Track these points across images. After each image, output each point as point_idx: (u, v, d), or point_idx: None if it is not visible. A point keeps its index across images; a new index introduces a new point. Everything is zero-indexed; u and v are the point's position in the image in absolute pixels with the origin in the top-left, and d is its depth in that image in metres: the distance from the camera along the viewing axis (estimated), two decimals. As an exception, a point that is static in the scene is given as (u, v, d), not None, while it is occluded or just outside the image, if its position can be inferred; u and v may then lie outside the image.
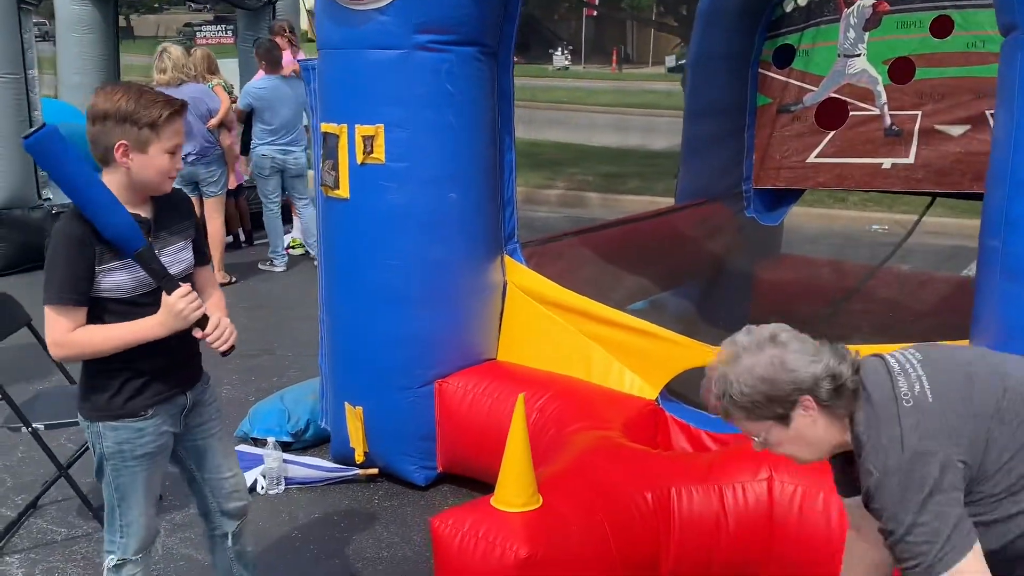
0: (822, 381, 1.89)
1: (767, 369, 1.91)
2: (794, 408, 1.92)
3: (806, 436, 1.96)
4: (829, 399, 1.91)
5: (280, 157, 7.68)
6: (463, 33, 3.72)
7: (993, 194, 2.58)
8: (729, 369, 1.95)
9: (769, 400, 1.92)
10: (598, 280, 4.61)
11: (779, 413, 1.93)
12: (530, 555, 2.63)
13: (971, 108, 5.19)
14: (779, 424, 1.95)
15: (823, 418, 1.94)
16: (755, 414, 1.95)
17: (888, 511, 1.84)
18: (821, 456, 2.03)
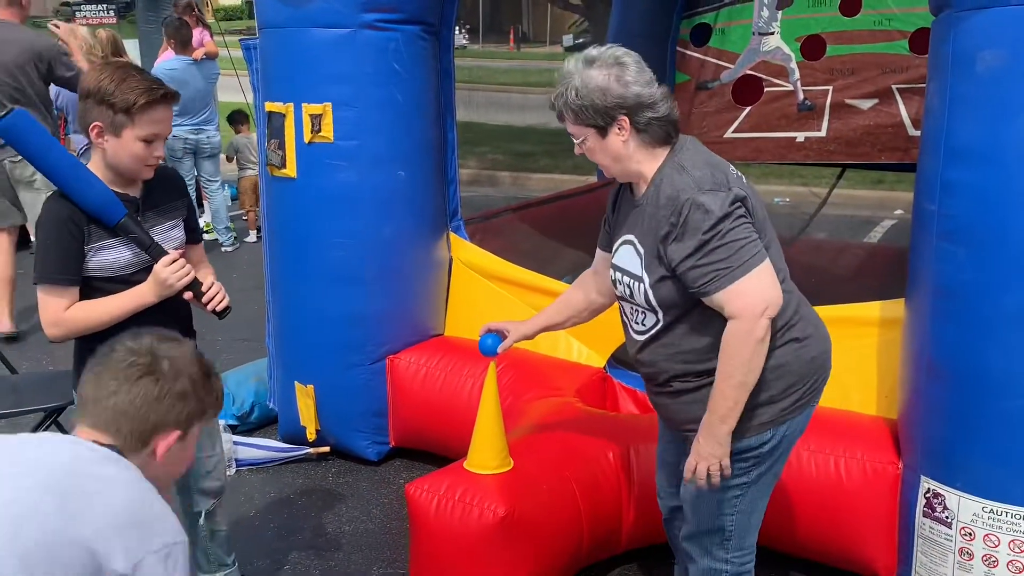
0: (644, 109, 2.17)
1: (603, 82, 2.16)
2: (612, 124, 2.19)
3: (615, 151, 2.22)
4: (644, 127, 2.19)
5: (193, 138, 7.55)
6: (408, 12, 3.77)
7: (927, 160, 2.78)
8: (575, 75, 2.19)
9: (595, 110, 2.17)
10: (537, 254, 4.73)
11: (599, 124, 2.19)
12: (508, 513, 2.74)
13: (878, 83, 5.49)
14: (598, 134, 2.22)
15: (633, 142, 2.21)
16: (580, 119, 2.21)
17: (682, 240, 2.12)
18: (624, 173, 2.28)
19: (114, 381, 1.69)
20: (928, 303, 2.80)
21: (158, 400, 1.70)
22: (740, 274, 2.10)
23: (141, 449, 1.69)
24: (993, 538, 2.66)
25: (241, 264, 7.71)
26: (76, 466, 1.56)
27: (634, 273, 2.29)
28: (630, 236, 2.31)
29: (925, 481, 2.81)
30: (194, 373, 1.76)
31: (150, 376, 1.70)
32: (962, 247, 2.63)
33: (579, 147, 2.28)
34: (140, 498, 1.59)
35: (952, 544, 2.75)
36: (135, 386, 1.68)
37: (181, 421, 1.74)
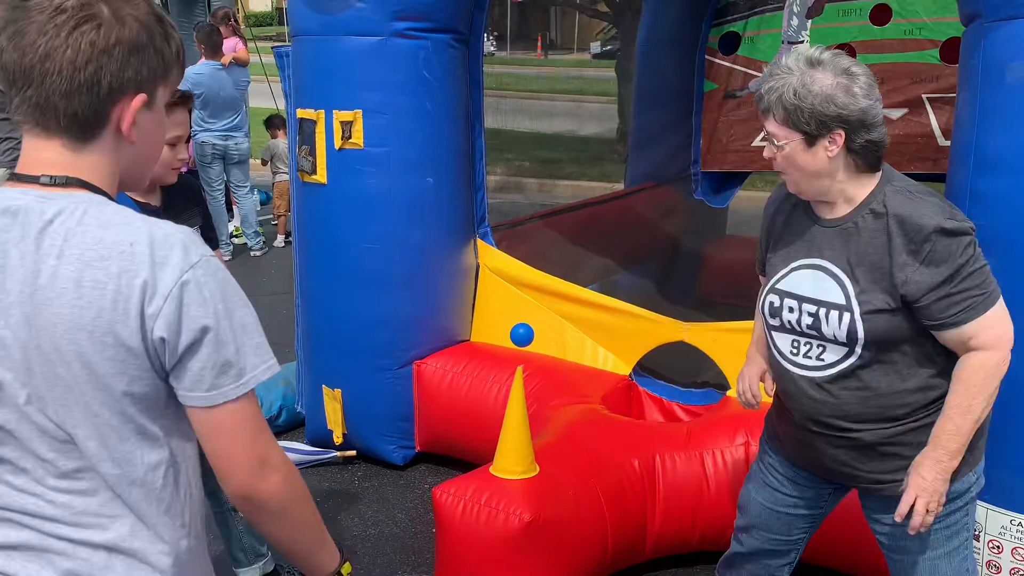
0: (864, 128, 1.97)
1: (829, 89, 1.95)
2: (825, 135, 1.98)
3: (818, 165, 2.01)
4: (859, 149, 1.99)
5: (221, 143, 7.63)
6: (438, 20, 3.80)
7: (957, 171, 2.78)
8: (795, 73, 1.98)
9: (812, 116, 1.96)
10: (563, 261, 4.75)
11: (811, 132, 1.98)
12: (533, 519, 2.76)
13: (908, 92, 5.45)
14: (804, 141, 2.00)
15: (840, 161, 2.01)
16: (791, 121, 1.99)
17: (930, 268, 1.95)
18: (816, 190, 2.07)
19: (42, 37, 1.24)
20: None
21: (106, 52, 1.26)
22: (991, 303, 1.98)
23: (102, 128, 1.31)
24: (1021, 551, 2.64)
25: (269, 268, 7.79)
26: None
27: (831, 302, 2.06)
28: (818, 261, 2.09)
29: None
30: (144, 15, 1.31)
31: (89, 23, 1.25)
32: (992, 257, 2.61)
33: (773, 150, 2.06)
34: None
35: (980, 557, 2.73)
36: (71, 38, 1.24)
37: (142, 80, 1.31)
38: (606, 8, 13.57)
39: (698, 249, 6.27)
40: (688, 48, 6.20)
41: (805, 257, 2.12)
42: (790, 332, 2.16)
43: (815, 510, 2.40)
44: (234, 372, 1.30)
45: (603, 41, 26.92)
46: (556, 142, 15.17)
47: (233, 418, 1.31)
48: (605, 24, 16.23)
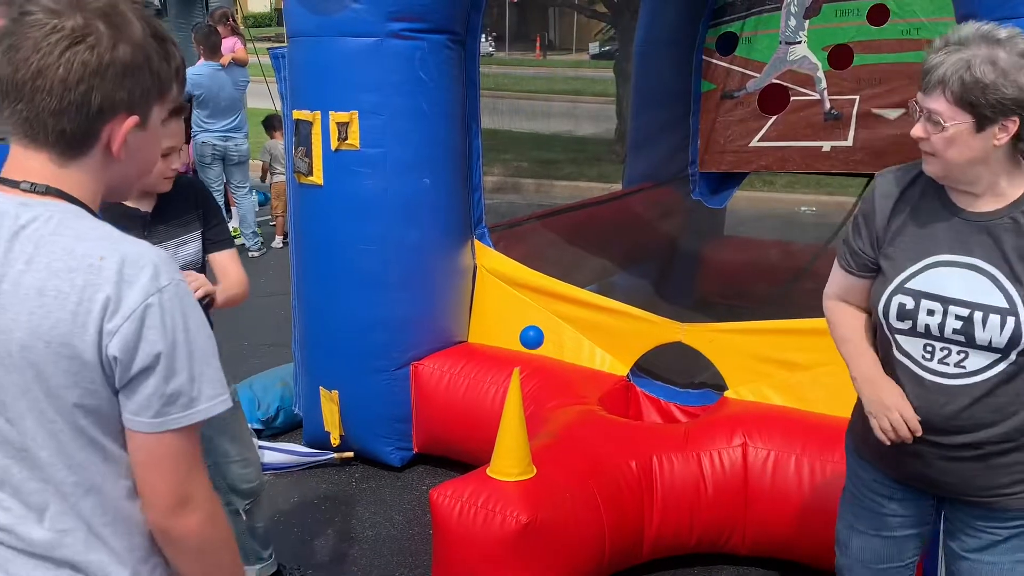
0: None
1: (1013, 65, 1.77)
2: (998, 121, 1.80)
3: (979, 152, 1.84)
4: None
5: (221, 144, 7.63)
6: (434, 21, 3.80)
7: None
8: (976, 47, 1.79)
9: (994, 97, 1.77)
10: (561, 261, 4.74)
11: (985, 115, 1.79)
12: (530, 521, 2.75)
13: (906, 92, 5.44)
14: (974, 125, 1.81)
15: (1004, 151, 1.85)
16: (966, 100, 1.79)
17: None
18: (965, 176, 1.89)
19: (36, 54, 1.23)
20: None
21: (98, 73, 1.25)
22: None
23: (91, 146, 1.30)
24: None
25: (268, 269, 7.77)
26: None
27: (990, 305, 1.88)
28: (967, 259, 1.91)
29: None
30: (140, 36, 1.29)
31: (83, 42, 1.24)
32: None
33: (927, 127, 1.86)
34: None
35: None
36: (64, 56, 1.23)
37: (134, 102, 1.31)
38: (604, 8, 13.58)
39: (696, 250, 6.26)
40: (686, 48, 6.20)
41: (947, 253, 1.92)
42: (924, 336, 1.96)
43: (923, 527, 2.20)
44: (183, 401, 1.28)
45: (602, 42, 26.93)
46: (554, 143, 15.16)
47: (169, 449, 1.29)
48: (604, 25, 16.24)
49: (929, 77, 1.83)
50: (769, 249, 6.22)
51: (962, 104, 1.79)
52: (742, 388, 3.67)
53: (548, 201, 10.39)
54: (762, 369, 3.64)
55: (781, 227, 8.68)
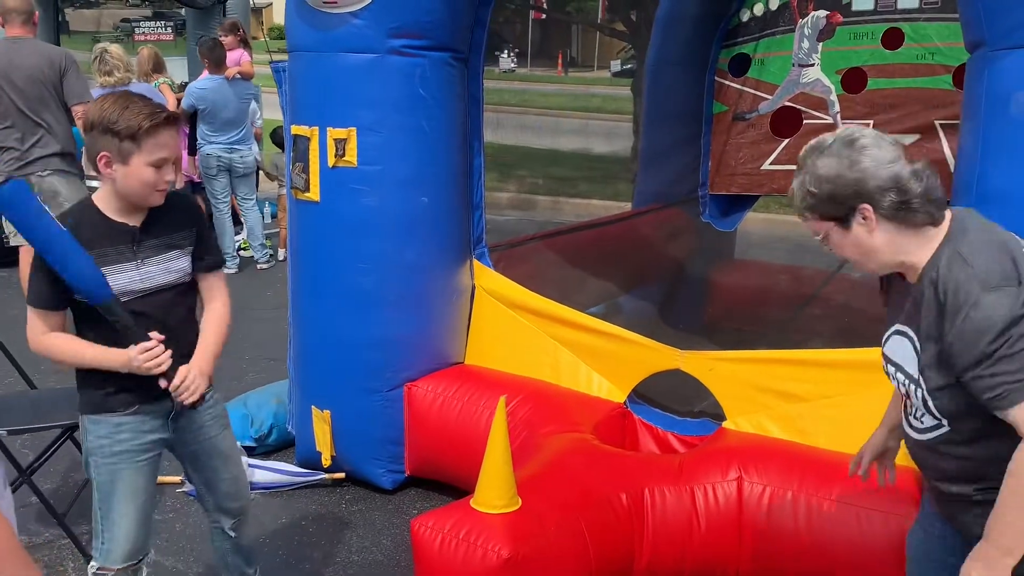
0: (887, 192, 1.88)
1: (834, 168, 1.91)
2: (853, 214, 1.92)
3: (862, 244, 1.95)
4: (894, 212, 1.90)
5: (226, 156, 7.60)
6: (435, 38, 3.74)
7: (959, 204, 2.68)
8: (806, 165, 1.96)
9: (831, 199, 1.92)
10: (562, 283, 4.67)
11: (838, 215, 1.93)
12: (512, 555, 2.66)
13: (920, 118, 5.35)
14: (839, 227, 1.95)
15: (885, 232, 1.92)
16: (818, 212, 1.95)
17: (965, 346, 1.82)
18: (882, 266, 2.00)
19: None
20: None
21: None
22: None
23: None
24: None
25: (275, 282, 7.74)
26: None
27: (910, 374, 1.99)
28: (904, 328, 2.01)
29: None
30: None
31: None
32: (993, 295, 2.51)
33: (822, 245, 2.03)
34: None
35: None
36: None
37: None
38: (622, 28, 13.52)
39: (704, 273, 6.17)
40: (698, 69, 6.12)
41: (899, 324, 2.05)
42: (901, 395, 2.11)
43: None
44: None
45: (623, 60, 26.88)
46: (569, 159, 15.11)
47: None
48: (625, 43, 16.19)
49: (796, 210, 2.03)
50: (778, 274, 6.12)
51: (816, 216, 1.97)
52: (741, 419, 3.58)
53: (560, 219, 10.33)
54: (762, 400, 3.55)
55: (794, 251, 8.56)
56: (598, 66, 34.60)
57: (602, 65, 33.51)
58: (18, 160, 5.60)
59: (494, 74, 31.89)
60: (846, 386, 3.34)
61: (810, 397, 3.43)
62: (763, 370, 3.58)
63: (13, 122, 5.56)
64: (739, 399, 3.60)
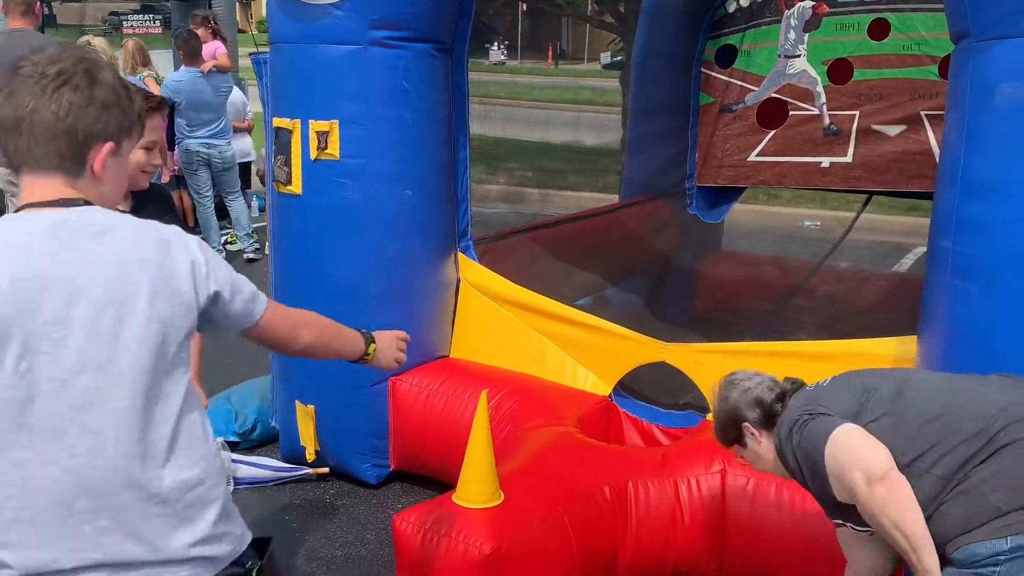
0: (751, 409, 2.38)
1: (719, 405, 2.46)
2: (742, 433, 2.40)
3: (759, 453, 2.41)
4: (761, 423, 2.38)
5: (204, 151, 7.53)
6: (418, 29, 3.71)
7: (943, 195, 2.67)
8: (719, 401, 2.47)
9: (725, 428, 2.44)
10: (549, 276, 4.64)
11: (735, 436, 2.44)
12: (494, 551, 2.65)
13: (907, 109, 5.34)
14: (740, 445, 2.45)
15: (766, 438, 2.38)
16: (725, 439, 2.47)
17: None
18: (777, 470, 2.39)
19: (31, 97, 1.56)
20: (940, 342, 2.68)
21: (83, 108, 1.59)
22: (822, 459, 2.13)
23: (81, 171, 1.61)
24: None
25: (263, 275, 7.68)
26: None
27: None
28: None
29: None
30: (111, 81, 1.64)
31: (67, 85, 1.58)
32: (975, 286, 2.51)
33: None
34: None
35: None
36: (55, 98, 1.57)
37: (110, 132, 1.64)
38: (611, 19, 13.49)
39: (691, 264, 6.16)
40: (684, 60, 6.10)
41: None
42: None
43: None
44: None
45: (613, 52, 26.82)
46: (559, 152, 15.07)
47: None
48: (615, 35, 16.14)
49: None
50: (765, 265, 6.11)
51: (726, 443, 2.49)
52: (726, 412, 3.56)
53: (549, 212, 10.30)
54: (747, 392, 3.53)
55: (781, 242, 8.57)
56: (588, 58, 34.53)
57: (592, 57, 33.44)
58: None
59: (484, 66, 31.83)
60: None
61: (794, 389, 3.42)
62: (748, 362, 3.52)
63: None
64: (724, 392, 3.58)
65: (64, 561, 1.53)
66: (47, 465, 1.52)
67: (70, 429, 1.53)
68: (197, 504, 1.62)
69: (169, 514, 1.59)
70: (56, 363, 1.52)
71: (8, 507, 1.52)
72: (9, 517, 1.52)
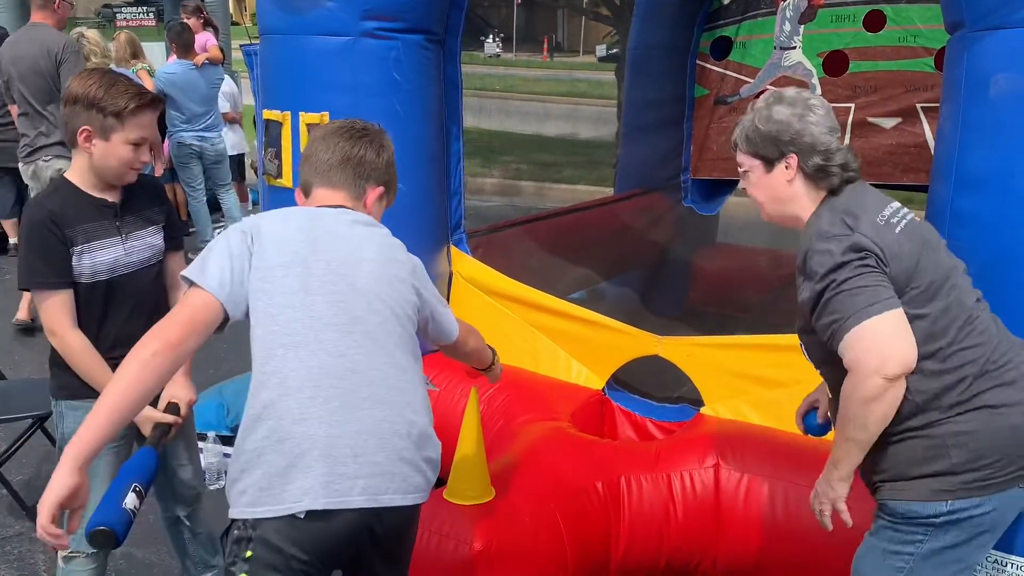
0: (815, 153, 2.12)
1: (785, 117, 2.14)
2: (781, 159, 2.15)
3: (776, 188, 2.19)
4: (812, 171, 2.13)
5: (197, 144, 7.47)
6: (410, 20, 3.68)
7: (938, 188, 2.64)
8: (763, 108, 2.19)
9: (769, 141, 2.15)
10: (542, 269, 4.62)
11: (768, 156, 2.17)
12: (484, 548, 2.63)
13: (902, 101, 5.32)
14: (764, 166, 2.19)
15: (799, 184, 2.16)
16: (751, 147, 2.19)
17: (806, 292, 2.06)
18: (781, 214, 2.22)
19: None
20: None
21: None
22: (851, 324, 1.95)
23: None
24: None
25: (256, 269, 7.65)
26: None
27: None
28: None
29: (927, 525, 2.65)
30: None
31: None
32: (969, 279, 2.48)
33: (743, 179, 2.27)
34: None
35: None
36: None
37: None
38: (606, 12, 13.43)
39: (686, 257, 6.14)
40: (680, 53, 6.07)
41: None
42: None
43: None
44: None
45: (609, 44, 26.76)
46: (555, 145, 15.03)
47: None
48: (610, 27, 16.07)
49: (733, 139, 2.27)
50: (759, 257, 6.08)
51: (749, 151, 2.21)
52: (719, 404, 3.55)
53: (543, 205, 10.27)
54: (740, 385, 3.52)
55: (777, 233, 8.52)
56: (584, 51, 34.47)
57: (588, 50, 33.38)
58: (28, 147, 5.54)
59: (479, 59, 31.76)
60: (825, 372, 3.31)
61: (788, 383, 3.40)
62: (741, 355, 3.55)
63: (25, 110, 5.53)
64: (717, 385, 3.57)
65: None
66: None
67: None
68: None
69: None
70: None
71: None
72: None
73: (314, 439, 1.85)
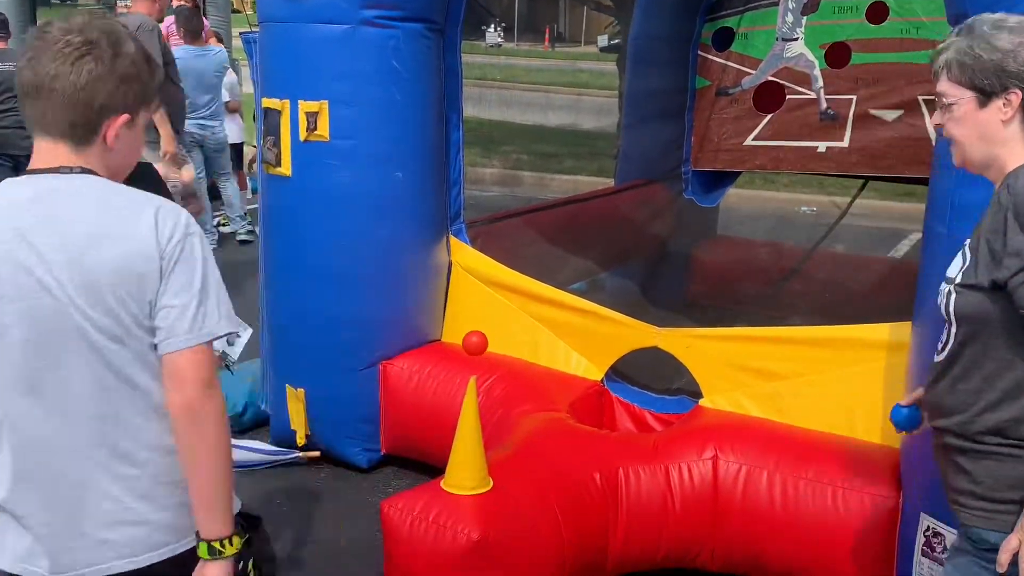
0: None
1: (1012, 46, 1.82)
2: (1001, 93, 1.84)
3: (987, 127, 1.87)
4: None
5: (199, 132, 7.44)
6: (410, 9, 3.67)
7: (939, 181, 2.63)
8: (988, 28, 1.86)
9: (990, 71, 1.83)
10: (542, 260, 4.61)
11: (985, 89, 1.85)
12: (482, 537, 2.63)
13: (904, 94, 5.30)
14: (976, 99, 1.86)
15: (1016, 126, 1.86)
16: (964, 76, 1.86)
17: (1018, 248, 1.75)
18: (982, 158, 1.91)
19: (53, 63, 1.60)
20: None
21: (102, 79, 1.62)
22: None
23: (92, 140, 1.66)
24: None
25: (256, 258, 7.64)
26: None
27: (949, 276, 1.91)
28: (966, 239, 1.94)
29: (925, 519, 2.66)
30: (133, 53, 1.68)
31: (90, 55, 1.61)
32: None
33: (942, 113, 1.94)
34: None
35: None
36: (76, 67, 1.60)
37: (129, 104, 1.68)
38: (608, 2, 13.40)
39: (686, 249, 6.13)
40: (681, 43, 6.04)
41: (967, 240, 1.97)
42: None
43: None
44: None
45: (610, 35, 26.65)
46: (555, 136, 15.01)
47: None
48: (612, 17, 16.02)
49: (937, 62, 1.92)
50: (760, 250, 6.08)
51: (962, 80, 1.86)
52: (718, 396, 3.54)
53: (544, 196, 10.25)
54: (739, 377, 3.51)
55: (777, 226, 8.53)
56: (585, 41, 34.37)
57: (590, 40, 33.27)
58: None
59: (480, 49, 31.66)
60: (824, 364, 3.31)
61: (788, 375, 3.40)
62: (741, 348, 3.54)
63: None
64: (716, 377, 3.56)
65: None
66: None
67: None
68: None
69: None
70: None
71: None
72: None
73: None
